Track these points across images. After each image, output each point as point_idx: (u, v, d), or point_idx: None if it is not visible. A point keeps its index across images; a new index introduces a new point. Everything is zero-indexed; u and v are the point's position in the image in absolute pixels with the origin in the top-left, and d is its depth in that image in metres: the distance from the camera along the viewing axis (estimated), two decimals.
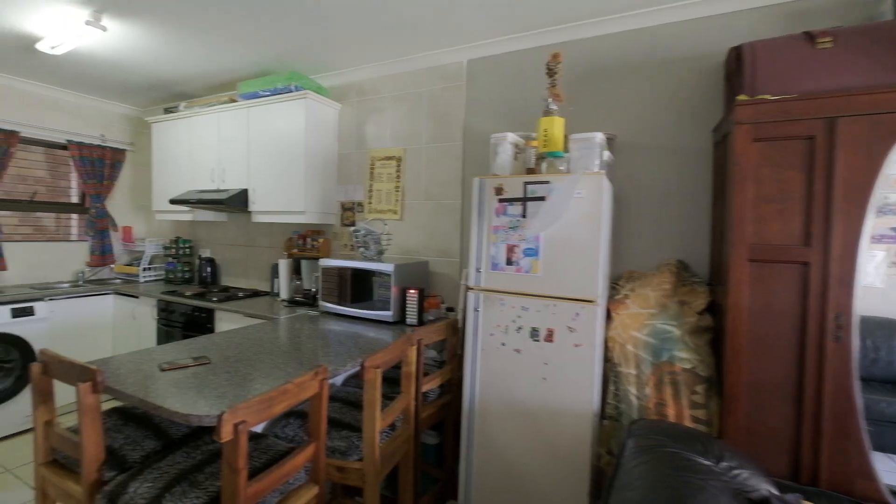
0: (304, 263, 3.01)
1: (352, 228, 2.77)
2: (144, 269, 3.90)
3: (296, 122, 2.93)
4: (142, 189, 4.31)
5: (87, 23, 2.45)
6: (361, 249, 2.73)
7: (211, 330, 3.00)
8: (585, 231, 1.83)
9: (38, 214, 4.05)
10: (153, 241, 4.00)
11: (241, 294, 3.29)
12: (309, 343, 2.08)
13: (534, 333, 1.94)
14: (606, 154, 2.03)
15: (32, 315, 3.09)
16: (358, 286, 2.63)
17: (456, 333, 2.30)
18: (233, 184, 3.26)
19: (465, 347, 2.08)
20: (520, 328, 1.97)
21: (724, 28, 2.05)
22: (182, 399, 1.42)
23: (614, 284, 2.12)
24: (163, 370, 1.66)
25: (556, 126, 1.92)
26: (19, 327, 3.04)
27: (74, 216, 4.19)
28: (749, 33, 1.99)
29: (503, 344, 1.99)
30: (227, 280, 3.83)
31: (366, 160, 3.08)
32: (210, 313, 3.01)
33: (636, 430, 1.49)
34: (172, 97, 3.84)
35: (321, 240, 3.19)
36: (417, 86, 2.85)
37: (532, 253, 1.94)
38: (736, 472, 1.31)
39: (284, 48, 2.78)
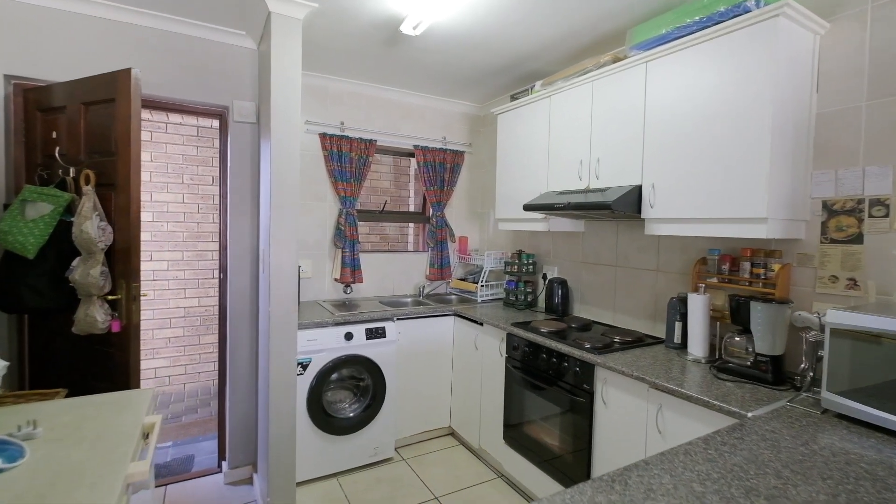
0: (754, 308, 1.72)
1: None
2: (481, 287, 3.35)
3: (751, 66, 1.67)
4: (476, 194, 3.86)
5: None
6: None
7: (590, 394, 2.04)
8: None
9: (383, 224, 4.05)
10: (491, 255, 3.42)
11: (616, 339, 2.26)
12: None
13: None
14: None
15: (384, 337, 2.78)
16: None
17: None
18: (611, 179, 2.26)
19: None
20: None
21: None
22: None
23: None
24: None
25: None
26: (372, 350, 2.76)
27: (410, 226, 4.07)
28: None
29: None
30: (580, 309, 2.89)
31: None
32: (589, 370, 2.05)
33: None
34: (519, 80, 3.16)
35: (776, 266, 1.83)
36: None
37: None
38: None
39: None
